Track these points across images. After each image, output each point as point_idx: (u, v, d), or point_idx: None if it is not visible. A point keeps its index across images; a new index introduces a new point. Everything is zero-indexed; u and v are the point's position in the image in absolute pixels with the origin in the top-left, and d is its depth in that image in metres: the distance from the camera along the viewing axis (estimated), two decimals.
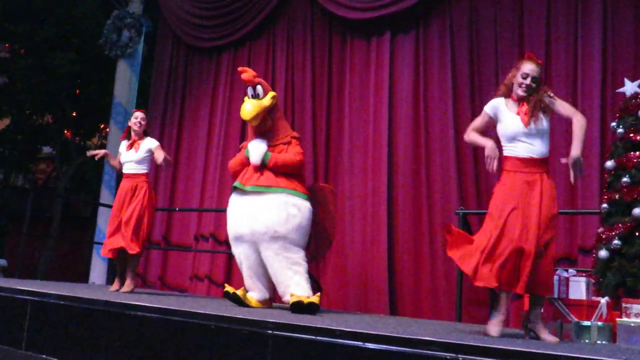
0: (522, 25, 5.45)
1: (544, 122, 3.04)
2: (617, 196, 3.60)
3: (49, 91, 10.95)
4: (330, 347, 2.37)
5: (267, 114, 4.15)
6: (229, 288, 4.05)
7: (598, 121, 4.90)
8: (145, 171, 5.00)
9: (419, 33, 5.95)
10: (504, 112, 3.13)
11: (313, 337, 2.42)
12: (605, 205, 3.70)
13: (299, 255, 3.98)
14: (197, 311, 2.88)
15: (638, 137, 3.64)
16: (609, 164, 3.74)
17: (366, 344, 2.30)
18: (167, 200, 7.26)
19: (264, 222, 3.91)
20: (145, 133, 5.09)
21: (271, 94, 4.23)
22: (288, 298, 3.82)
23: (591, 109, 4.95)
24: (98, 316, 3.18)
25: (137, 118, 5.02)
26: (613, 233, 3.52)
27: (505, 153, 3.10)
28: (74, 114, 11.96)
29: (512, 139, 3.05)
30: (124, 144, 5.10)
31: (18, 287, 3.77)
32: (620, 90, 3.91)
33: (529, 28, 5.40)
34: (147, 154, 4.96)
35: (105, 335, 3.09)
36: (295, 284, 3.87)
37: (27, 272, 8.25)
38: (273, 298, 4.26)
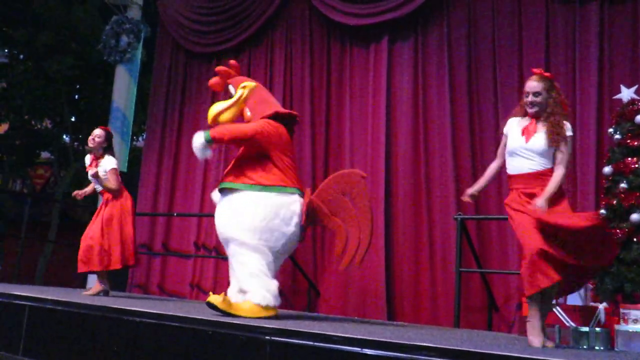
0: (520, 32, 5.46)
1: (542, 142, 3.06)
2: (615, 202, 3.61)
3: (47, 96, 10.94)
4: (328, 352, 2.36)
5: (241, 108, 3.80)
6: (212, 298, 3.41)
7: (595, 127, 4.91)
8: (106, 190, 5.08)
9: (417, 40, 5.97)
10: (512, 128, 3.23)
11: (311, 342, 2.42)
12: (603, 210, 3.71)
13: (246, 259, 3.48)
14: (194, 317, 2.87)
15: (635, 143, 3.65)
16: (607, 169, 3.75)
17: (364, 349, 2.30)
18: (166, 207, 7.24)
19: (218, 224, 3.64)
20: (105, 150, 5.10)
21: (241, 85, 3.85)
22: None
23: (588, 115, 4.97)
24: (95, 322, 3.18)
25: (92, 135, 5.11)
26: None
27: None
28: (72, 119, 11.96)
29: (511, 153, 3.15)
30: (88, 157, 5.20)
31: (15, 293, 3.76)
32: (617, 96, 3.93)
33: (527, 34, 5.42)
34: (105, 175, 5.01)
35: (103, 340, 3.09)
36: (235, 292, 3.57)
37: (26, 277, 8.23)
38: None
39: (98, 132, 5.12)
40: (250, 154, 3.70)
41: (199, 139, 3.65)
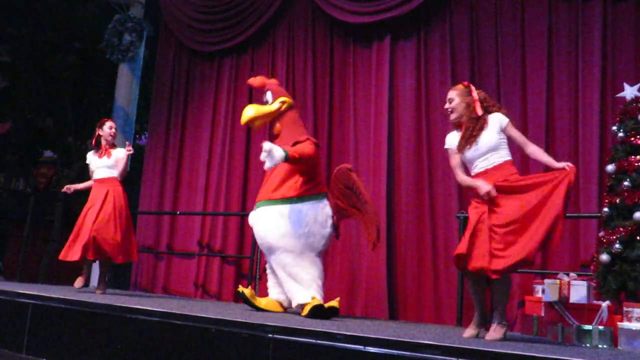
0: (523, 29, 5.45)
1: (479, 144, 3.33)
2: (618, 200, 3.60)
3: (50, 95, 10.94)
4: (331, 350, 2.37)
5: (273, 118, 4.26)
6: (241, 287, 4.23)
7: (598, 125, 4.91)
8: (117, 176, 5.12)
9: (420, 38, 5.96)
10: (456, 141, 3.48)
11: (314, 340, 2.43)
12: (606, 209, 3.70)
13: (295, 262, 4.04)
14: (197, 314, 2.88)
15: (639, 141, 3.64)
16: (610, 167, 3.74)
17: (367, 347, 2.30)
18: (169, 207, 7.21)
19: (259, 235, 4.16)
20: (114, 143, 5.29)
21: (281, 99, 4.29)
22: (295, 304, 4.03)
23: (591, 113, 4.97)
24: (99, 320, 3.19)
25: (111, 128, 5.19)
26: (614, 237, 3.52)
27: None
28: (75, 118, 11.98)
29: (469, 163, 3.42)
30: (91, 153, 5.24)
31: (19, 291, 3.77)
32: (620, 94, 3.93)
33: (529, 32, 5.42)
34: (115, 163, 5.13)
35: (106, 338, 3.10)
36: (295, 291, 4.00)
37: (29, 276, 8.25)
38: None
39: (112, 124, 5.24)
40: (289, 170, 4.13)
41: (279, 155, 3.83)
